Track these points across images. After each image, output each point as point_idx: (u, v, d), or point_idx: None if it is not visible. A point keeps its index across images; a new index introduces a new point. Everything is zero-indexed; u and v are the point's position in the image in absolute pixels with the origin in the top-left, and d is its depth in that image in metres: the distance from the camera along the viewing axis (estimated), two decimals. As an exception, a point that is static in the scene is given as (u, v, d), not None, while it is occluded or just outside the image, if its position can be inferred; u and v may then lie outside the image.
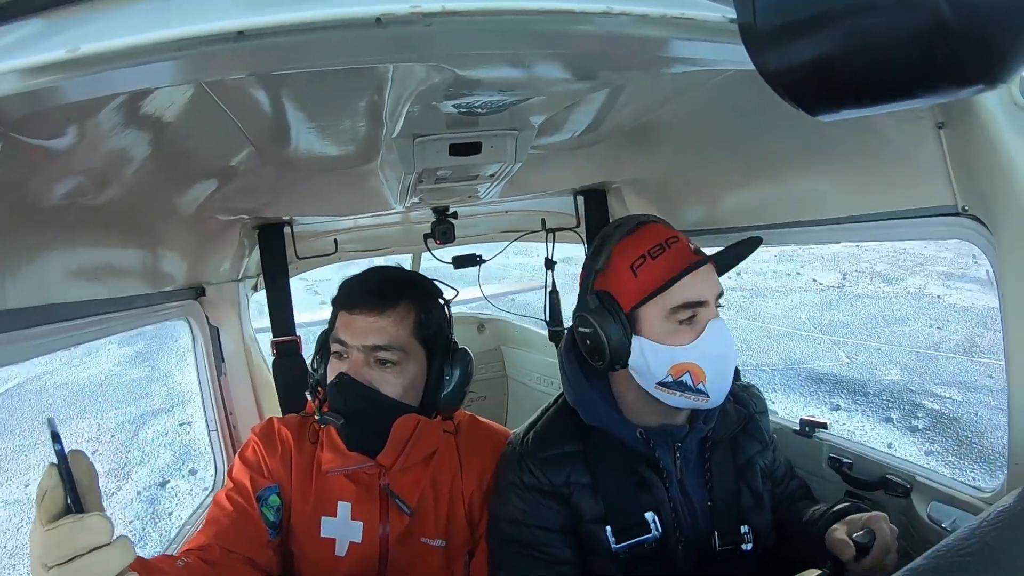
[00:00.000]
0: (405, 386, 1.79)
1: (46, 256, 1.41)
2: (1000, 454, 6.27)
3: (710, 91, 1.59)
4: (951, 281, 12.42)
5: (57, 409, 9.27)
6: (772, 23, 0.61)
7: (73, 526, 1.04)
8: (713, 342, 1.63)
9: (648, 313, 1.66)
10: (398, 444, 1.78)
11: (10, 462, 7.64)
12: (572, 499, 1.72)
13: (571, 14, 0.79)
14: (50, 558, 1.03)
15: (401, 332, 1.78)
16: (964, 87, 0.59)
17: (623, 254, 1.69)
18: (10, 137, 1.01)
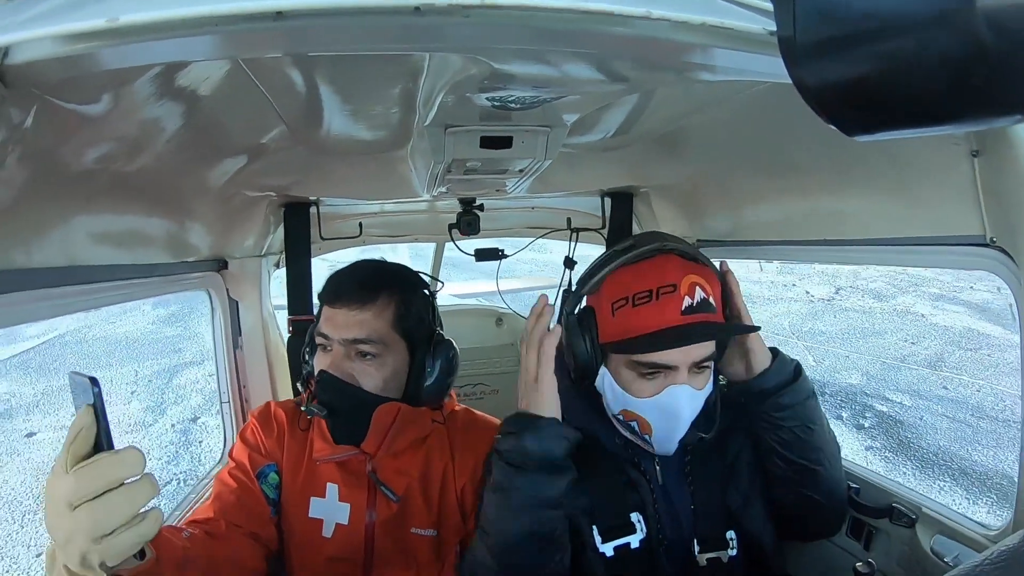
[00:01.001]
0: (386, 378, 1.83)
1: (73, 219, 1.43)
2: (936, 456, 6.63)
3: (743, 102, 1.58)
4: (940, 302, 12.70)
5: (97, 357, 10.44)
6: (812, 38, 0.61)
7: (110, 459, 1.07)
8: (666, 407, 1.61)
9: (615, 356, 1.65)
10: (380, 431, 1.82)
11: (57, 396, 8.82)
12: None
13: (610, 16, 0.79)
14: (78, 496, 1.05)
15: (380, 325, 1.81)
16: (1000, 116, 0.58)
17: (613, 284, 1.65)
18: (45, 100, 1.02)
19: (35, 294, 1.33)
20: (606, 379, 1.68)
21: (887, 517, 1.97)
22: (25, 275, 1.27)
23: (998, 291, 11.83)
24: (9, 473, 6.92)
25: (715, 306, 1.63)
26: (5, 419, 8.24)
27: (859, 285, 14.06)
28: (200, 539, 1.65)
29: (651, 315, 1.57)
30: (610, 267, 1.66)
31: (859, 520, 2.07)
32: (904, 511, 1.92)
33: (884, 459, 7.61)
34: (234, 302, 2.69)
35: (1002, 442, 7.61)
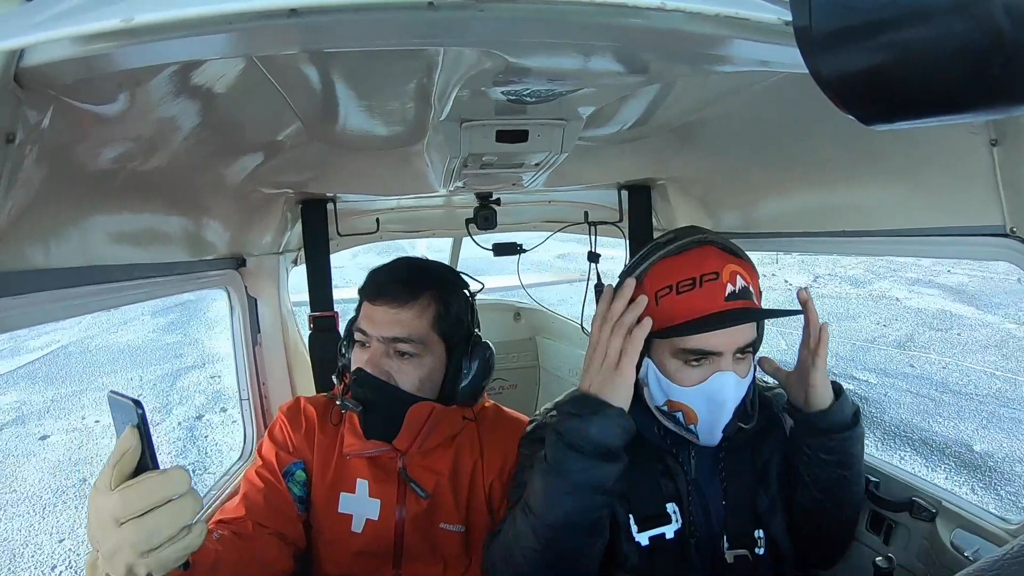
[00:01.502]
0: (423, 378, 1.82)
1: (91, 219, 1.43)
2: (897, 428, 6.84)
3: (760, 93, 1.57)
4: (916, 286, 12.97)
5: (101, 365, 10.77)
6: (828, 27, 0.60)
7: (158, 479, 1.10)
8: (712, 394, 1.60)
9: (659, 343, 1.65)
10: (413, 429, 1.81)
11: (66, 402, 9.32)
12: None
13: (624, 7, 0.79)
14: (126, 512, 1.08)
15: (420, 325, 1.81)
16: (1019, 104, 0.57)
17: (656, 275, 1.65)
18: (62, 101, 1.02)
19: (54, 294, 1.34)
20: (650, 370, 1.68)
21: (907, 511, 1.96)
22: (44, 275, 1.27)
23: (972, 275, 12.69)
24: (28, 472, 7.37)
25: (754, 294, 1.64)
26: (19, 424, 8.69)
27: (837, 272, 14.33)
28: (229, 540, 1.68)
29: (696, 301, 1.59)
30: (653, 258, 1.67)
31: (879, 514, 2.06)
32: (924, 505, 1.91)
33: (851, 433, 7.84)
34: (252, 299, 2.70)
35: (963, 414, 7.84)
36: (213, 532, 1.67)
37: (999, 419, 7.70)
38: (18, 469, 7.46)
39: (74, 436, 8.25)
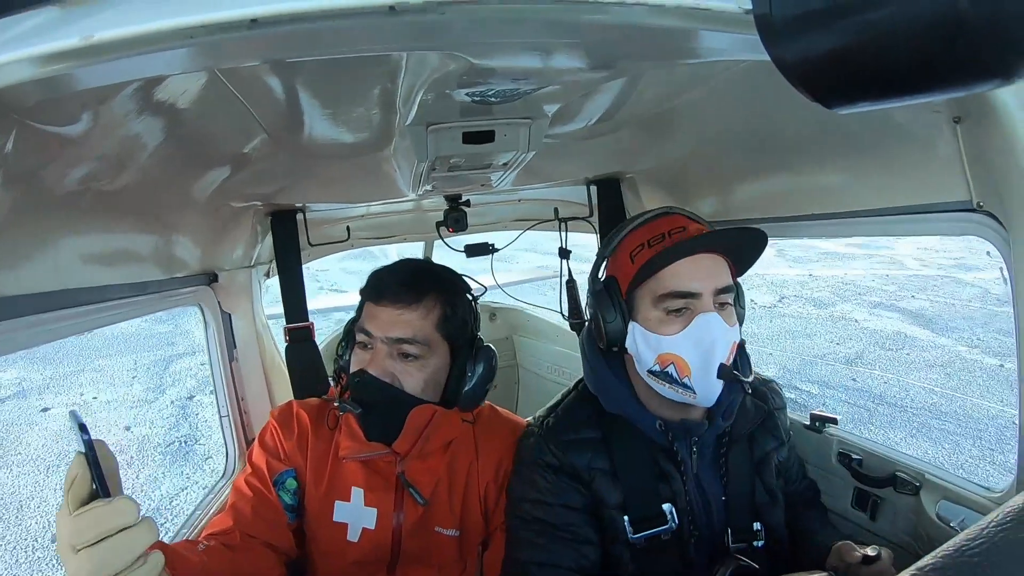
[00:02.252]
0: (426, 380, 1.80)
1: (61, 242, 1.42)
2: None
3: (725, 82, 1.58)
4: (878, 309, 13.30)
5: (97, 349, 11.19)
6: (788, 14, 0.61)
7: (104, 509, 1.09)
8: (697, 336, 1.61)
9: (641, 299, 1.67)
10: (413, 432, 1.79)
11: (65, 380, 9.97)
12: (593, 484, 1.73)
13: (585, 4, 0.79)
14: (79, 540, 1.08)
15: (426, 326, 1.79)
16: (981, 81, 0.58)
17: (628, 242, 1.72)
18: (25, 124, 1.01)
19: (26, 320, 1.32)
20: (636, 332, 1.69)
21: (891, 486, 1.98)
22: (14, 302, 1.26)
23: (935, 300, 13.14)
24: (32, 438, 8.09)
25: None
26: (21, 398, 9.32)
27: (804, 294, 14.67)
28: (217, 551, 1.66)
29: (666, 247, 1.63)
30: (624, 231, 1.75)
31: (863, 491, 2.08)
32: (908, 479, 1.93)
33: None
34: (227, 315, 2.68)
35: (894, 424, 8.26)
36: (199, 544, 1.65)
37: (928, 429, 8.14)
38: (22, 436, 8.16)
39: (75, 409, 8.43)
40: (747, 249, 1.70)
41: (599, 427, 1.79)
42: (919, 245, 17.44)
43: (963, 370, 9.91)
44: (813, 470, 2.16)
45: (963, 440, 7.73)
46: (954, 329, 11.77)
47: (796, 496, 1.92)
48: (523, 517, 1.75)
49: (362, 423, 1.81)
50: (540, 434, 1.82)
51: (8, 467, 7.37)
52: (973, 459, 7.27)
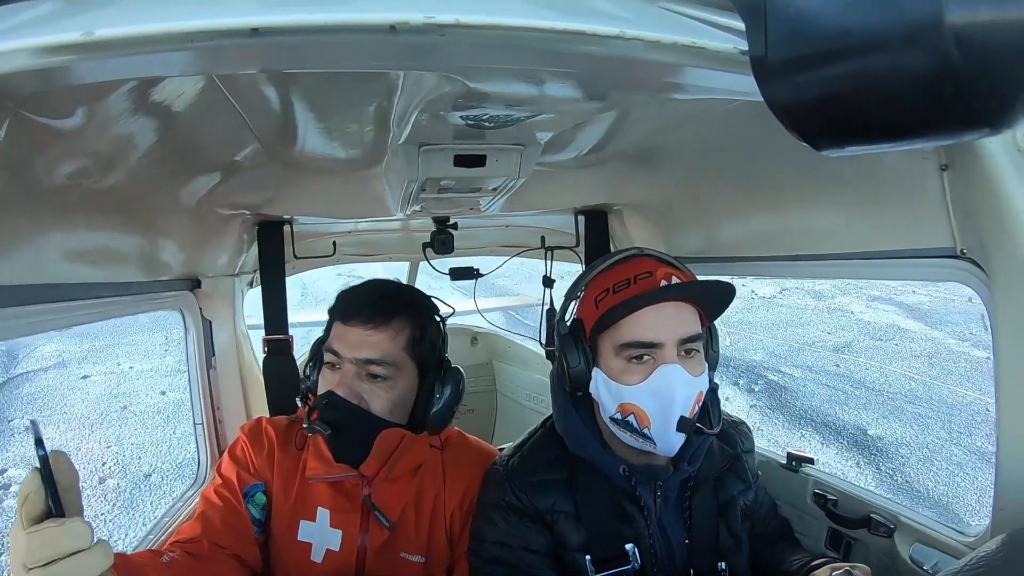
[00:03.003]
0: (395, 401, 1.79)
1: (45, 236, 1.41)
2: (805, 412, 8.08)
3: (716, 120, 1.60)
4: (875, 303, 13.59)
5: (130, 326, 11.87)
6: (783, 57, 0.62)
7: (55, 530, 1.07)
8: (658, 389, 1.58)
9: (603, 346, 1.66)
10: (382, 456, 1.78)
11: (101, 352, 11.08)
12: (556, 526, 1.72)
13: (583, 35, 0.80)
14: (31, 560, 1.06)
15: (394, 348, 1.78)
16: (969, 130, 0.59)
17: (595, 285, 1.70)
18: (18, 113, 1.01)
19: (4, 312, 1.31)
20: (599, 379, 1.67)
21: (865, 527, 1.98)
22: None
23: (934, 296, 13.40)
24: (74, 400, 9.26)
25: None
26: (62, 368, 10.37)
27: (805, 287, 14.89)
28: (181, 563, 1.63)
29: (629, 295, 1.61)
30: (591, 274, 1.72)
31: (838, 532, 2.08)
32: (882, 521, 1.93)
33: (763, 414, 8.88)
34: (207, 322, 2.66)
35: (869, 406, 8.77)
36: (163, 555, 1.62)
37: (900, 412, 8.59)
38: (66, 398, 9.33)
39: (111, 377, 10.12)
40: (715, 300, 1.69)
41: (565, 467, 1.78)
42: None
43: (948, 361, 10.24)
44: (788, 509, 2.16)
45: (933, 423, 8.16)
46: (948, 323, 11.99)
47: (766, 536, 1.91)
48: (484, 557, 1.74)
49: (331, 445, 1.79)
50: (504, 475, 1.80)
51: (56, 424, 8.37)
52: (940, 440, 7.71)
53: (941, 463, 7.27)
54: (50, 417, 8.61)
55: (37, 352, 10.88)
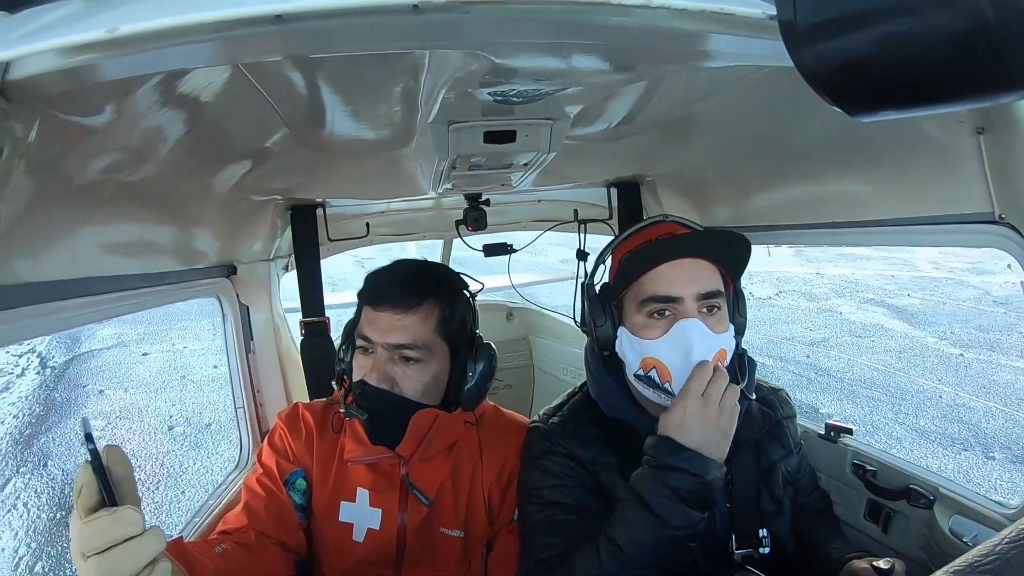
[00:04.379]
0: (427, 383, 1.81)
1: (81, 230, 1.42)
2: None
3: (747, 88, 1.57)
4: (867, 305, 13.89)
5: (180, 314, 12.69)
6: (812, 20, 0.60)
7: (108, 519, 1.11)
8: (677, 342, 1.60)
9: (627, 304, 1.69)
10: (417, 436, 1.80)
11: (156, 335, 12.13)
12: (599, 476, 1.74)
13: (609, 5, 0.79)
14: (87, 548, 1.11)
15: (425, 330, 1.79)
16: (1005, 91, 0.57)
17: (620, 249, 1.75)
18: (48, 113, 1.02)
19: (44, 308, 1.32)
20: (624, 337, 1.69)
21: (905, 499, 1.96)
22: (33, 289, 1.26)
23: (926, 299, 13.71)
24: (138, 372, 10.42)
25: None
26: (122, 348, 11.50)
27: (802, 289, 15.17)
28: (232, 553, 1.68)
29: (650, 253, 1.65)
30: (617, 240, 1.78)
31: (876, 503, 2.06)
32: (922, 492, 1.91)
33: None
34: (244, 307, 2.69)
35: (828, 390, 9.29)
36: (216, 545, 1.67)
37: (855, 396, 9.15)
38: (131, 370, 10.47)
39: (168, 355, 11.18)
40: (731, 253, 1.69)
41: (604, 427, 1.79)
42: (939, 249, 17.61)
43: (918, 355, 10.68)
44: (826, 480, 2.15)
45: (883, 405, 8.78)
46: (932, 324, 12.29)
47: (807, 507, 1.90)
48: (542, 502, 1.75)
49: (367, 428, 1.81)
50: (546, 429, 1.83)
51: (125, 388, 9.75)
52: (885, 419, 8.36)
53: (881, 437, 7.85)
54: (120, 383, 9.96)
55: (98, 335, 11.86)
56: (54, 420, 8.59)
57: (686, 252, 1.63)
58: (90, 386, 9.85)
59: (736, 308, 1.74)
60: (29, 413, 8.80)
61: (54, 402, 9.24)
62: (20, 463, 7.43)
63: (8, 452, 7.68)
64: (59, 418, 8.65)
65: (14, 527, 6.16)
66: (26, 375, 10.24)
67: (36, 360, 10.83)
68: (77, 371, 10.44)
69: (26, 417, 8.68)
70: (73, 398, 9.41)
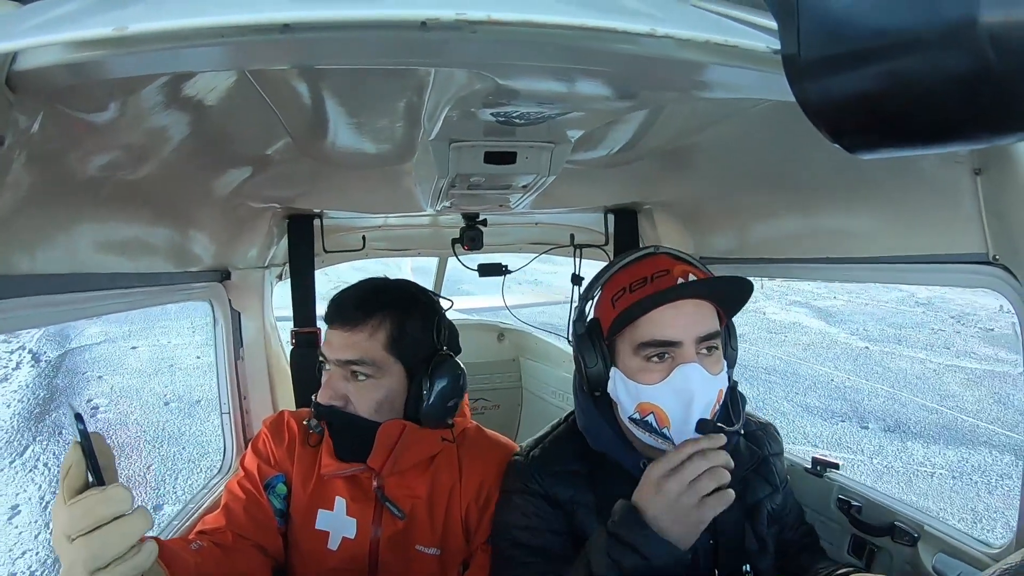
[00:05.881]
0: (379, 400, 1.81)
1: (79, 226, 1.43)
2: None
3: (748, 120, 1.58)
4: (792, 307, 15.17)
5: (163, 312, 13.47)
6: (815, 56, 0.61)
7: (98, 497, 1.11)
8: (678, 389, 1.56)
9: (621, 346, 1.65)
10: (385, 448, 1.80)
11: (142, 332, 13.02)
12: (575, 517, 1.71)
13: (615, 33, 0.79)
14: (74, 529, 1.10)
15: (372, 346, 1.79)
16: (1005, 134, 0.58)
17: (611, 285, 1.69)
18: (52, 107, 1.02)
19: (37, 300, 1.33)
20: (617, 379, 1.65)
21: (889, 535, 1.96)
22: (28, 281, 1.27)
23: (851, 301, 14.71)
24: (130, 361, 11.47)
25: None
26: (112, 343, 12.42)
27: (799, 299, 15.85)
28: (208, 551, 1.68)
29: (646, 293, 1.59)
30: (608, 273, 1.72)
31: (861, 539, 2.06)
32: (906, 529, 1.91)
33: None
34: (236, 313, 2.69)
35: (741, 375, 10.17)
36: (192, 542, 1.67)
37: (754, 379, 10.26)
38: (123, 361, 11.48)
39: (155, 348, 12.25)
40: (732, 296, 1.66)
41: (586, 461, 1.78)
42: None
43: (825, 348, 11.80)
44: (811, 514, 2.14)
45: (778, 387, 9.93)
46: (848, 322, 13.33)
47: (793, 542, 1.89)
48: (512, 542, 1.74)
49: (334, 444, 1.84)
50: (526, 464, 1.81)
51: (121, 374, 10.82)
52: (776, 397, 9.38)
53: (768, 411, 8.69)
54: (115, 371, 11.01)
55: (85, 332, 12.67)
56: (60, 400, 9.62)
57: (687, 295, 1.59)
58: (88, 373, 10.81)
59: (729, 341, 1.73)
60: (34, 397, 9.74)
61: (56, 387, 10.16)
62: (36, 433, 8.64)
63: (23, 426, 8.83)
64: (65, 398, 9.73)
65: (37, 481, 7.57)
66: (21, 368, 10.95)
67: (28, 356, 11.48)
68: (73, 362, 11.29)
69: (32, 400, 9.64)
70: (74, 383, 10.36)
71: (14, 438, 8.53)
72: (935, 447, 8.23)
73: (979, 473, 7.62)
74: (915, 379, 10.45)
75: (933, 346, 11.91)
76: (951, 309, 13.64)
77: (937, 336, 12.42)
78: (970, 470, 7.71)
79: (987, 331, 12.37)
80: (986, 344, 11.75)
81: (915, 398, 9.70)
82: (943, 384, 10.18)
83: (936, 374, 10.58)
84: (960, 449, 8.18)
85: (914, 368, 10.77)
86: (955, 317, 13.19)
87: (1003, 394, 9.54)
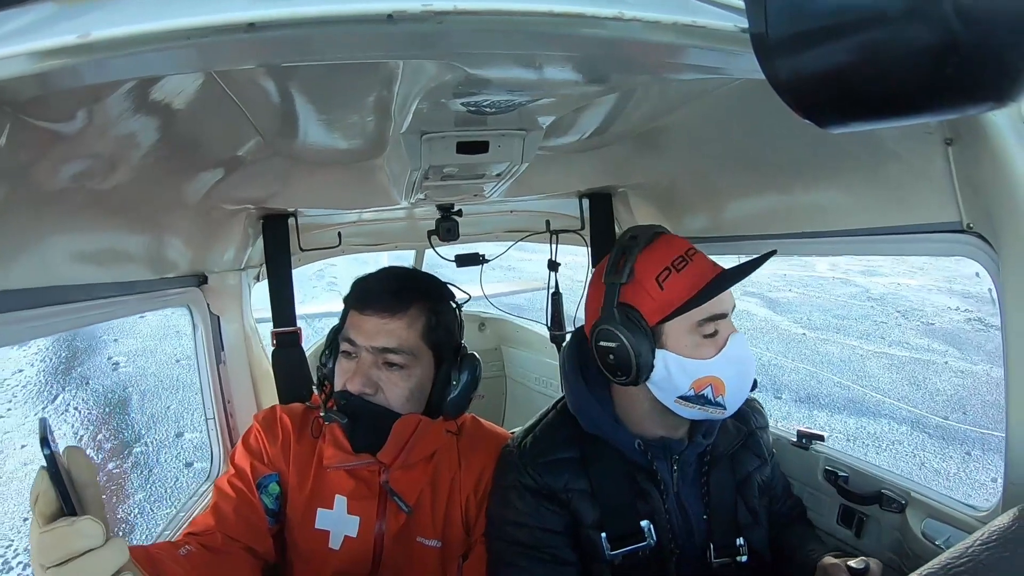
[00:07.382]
0: (411, 389, 1.80)
1: (50, 238, 1.40)
2: None
3: (719, 99, 1.59)
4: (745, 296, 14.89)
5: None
6: (783, 33, 0.61)
7: (66, 530, 1.05)
8: (735, 356, 1.63)
9: (674, 327, 1.64)
10: (398, 443, 1.79)
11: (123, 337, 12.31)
12: (571, 504, 1.73)
13: (582, 17, 0.79)
14: (46, 559, 1.05)
15: (411, 335, 1.78)
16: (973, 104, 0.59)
17: (647, 266, 1.66)
18: (18, 119, 1.01)
19: (11, 316, 1.30)
20: (668, 361, 1.63)
21: (876, 503, 1.98)
22: (1, 297, 1.25)
23: (804, 294, 15.07)
24: (141, 328, 11.75)
25: None
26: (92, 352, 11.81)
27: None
28: (197, 556, 1.64)
29: (695, 272, 1.64)
30: (634, 254, 1.68)
31: (849, 508, 2.08)
32: (893, 496, 1.94)
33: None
34: (215, 317, 2.66)
35: None
36: (181, 547, 1.63)
37: None
38: (134, 327, 11.65)
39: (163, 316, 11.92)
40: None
41: (578, 446, 1.78)
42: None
43: (766, 333, 12.42)
44: (799, 487, 2.17)
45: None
46: (794, 311, 13.78)
47: (782, 515, 1.93)
48: (505, 539, 1.75)
49: (348, 434, 1.80)
50: (518, 455, 1.82)
51: (133, 338, 11.28)
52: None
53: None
54: (128, 335, 11.57)
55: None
56: (83, 358, 10.53)
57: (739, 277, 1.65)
58: (104, 337, 11.36)
59: None
60: (55, 356, 10.48)
61: (77, 348, 10.83)
62: (64, 383, 9.65)
63: (51, 379, 9.76)
64: (86, 356, 10.62)
65: (70, 421, 8.65)
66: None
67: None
68: (89, 328, 11.56)
69: (54, 359, 10.39)
70: (92, 345, 11.05)
71: (44, 389, 9.44)
72: (838, 416, 9.05)
73: (872, 439, 8.39)
74: (839, 362, 11.09)
75: (869, 336, 12.52)
76: (900, 304, 14.20)
77: (877, 327, 12.98)
78: (865, 436, 8.49)
79: (928, 325, 12.90)
80: (922, 336, 12.35)
81: (833, 376, 10.42)
82: (865, 367, 10.84)
83: (862, 359, 11.24)
84: (861, 419, 8.89)
85: (843, 353, 11.48)
86: (901, 312, 13.71)
87: (920, 378, 10.28)
